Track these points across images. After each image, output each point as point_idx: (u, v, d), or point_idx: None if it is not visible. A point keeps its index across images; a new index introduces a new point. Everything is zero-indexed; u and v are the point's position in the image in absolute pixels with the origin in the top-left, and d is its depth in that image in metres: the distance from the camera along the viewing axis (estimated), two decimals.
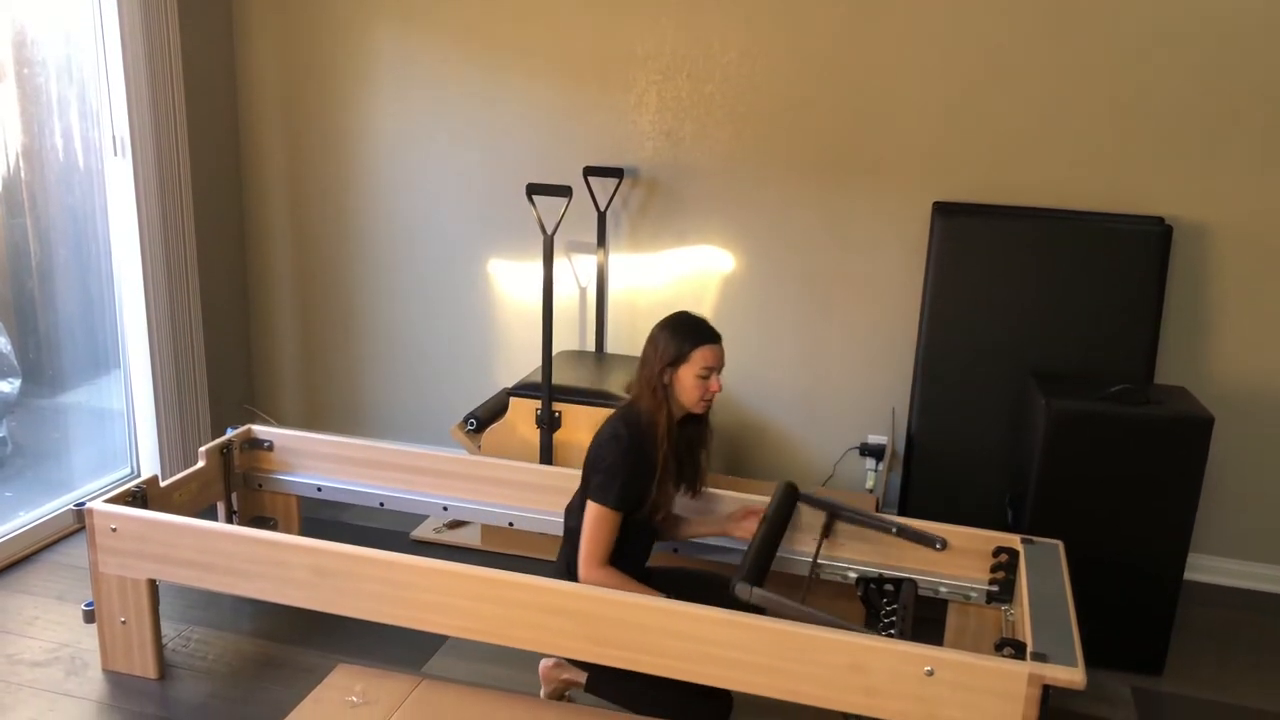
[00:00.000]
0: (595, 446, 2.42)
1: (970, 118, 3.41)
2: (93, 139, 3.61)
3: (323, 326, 4.25)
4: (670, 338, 2.40)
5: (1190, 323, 3.37)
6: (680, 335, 2.40)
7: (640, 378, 2.43)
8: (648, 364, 2.41)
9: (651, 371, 2.39)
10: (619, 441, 2.36)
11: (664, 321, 2.46)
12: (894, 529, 2.69)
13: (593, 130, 3.76)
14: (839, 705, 2.16)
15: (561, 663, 2.57)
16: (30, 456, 3.68)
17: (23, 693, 2.65)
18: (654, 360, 2.39)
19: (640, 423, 2.40)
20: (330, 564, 2.44)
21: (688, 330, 2.41)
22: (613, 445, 2.36)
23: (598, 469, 2.37)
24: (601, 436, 2.41)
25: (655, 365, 2.39)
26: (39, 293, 3.58)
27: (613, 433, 2.39)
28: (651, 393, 2.40)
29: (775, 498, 2.66)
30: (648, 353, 2.42)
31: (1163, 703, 2.82)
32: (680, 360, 2.38)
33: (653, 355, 2.40)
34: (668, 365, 2.38)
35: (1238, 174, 3.24)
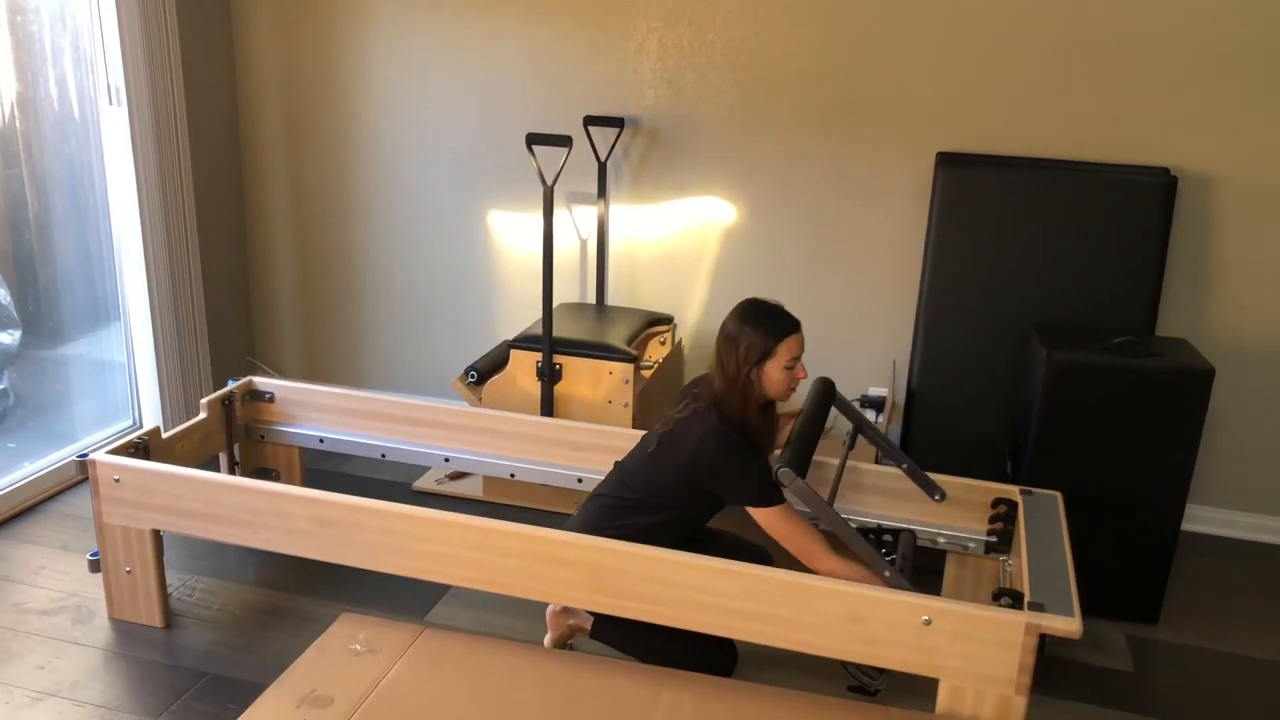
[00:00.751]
0: (708, 457, 2.31)
1: (975, 67, 3.37)
2: (87, 88, 3.57)
3: (323, 278, 4.23)
4: (753, 334, 2.31)
5: (1193, 274, 3.36)
6: (763, 330, 2.31)
7: (724, 378, 2.34)
8: (731, 364, 2.32)
9: (735, 370, 2.32)
10: (734, 445, 2.29)
11: (740, 315, 2.35)
12: (904, 464, 2.70)
13: (593, 79, 3.72)
14: (838, 654, 2.19)
15: (568, 609, 2.59)
16: (32, 408, 3.69)
17: (30, 640, 2.69)
18: (739, 360, 2.31)
19: (735, 421, 2.34)
20: (333, 514, 2.46)
21: (770, 323, 2.33)
22: (734, 451, 2.29)
23: (734, 478, 2.30)
24: (713, 447, 2.30)
25: (742, 366, 2.31)
26: (37, 244, 3.56)
27: (725, 442, 2.29)
28: (740, 392, 2.33)
29: (813, 392, 2.61)
30: (728, 352, 2.33)
31: (1157, 651, 2.85)
32: (767, 357, 2.31)
33: (735, 355, 2.31)
34: (754, 365, 2.31)
35: (1244, 124, 3.21)
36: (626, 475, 2.50)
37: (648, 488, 2.43)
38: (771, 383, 2.34)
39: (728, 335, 2.34)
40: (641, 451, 2.51)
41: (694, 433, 2.34)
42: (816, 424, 2.49)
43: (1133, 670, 2.76)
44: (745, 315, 2.35)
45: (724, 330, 2.36)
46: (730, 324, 2.35)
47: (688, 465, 2.35)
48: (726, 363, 2.33)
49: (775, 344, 2.32)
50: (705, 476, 2.34)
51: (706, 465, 2.32)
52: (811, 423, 2.47)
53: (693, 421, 2.36)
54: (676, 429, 2.39)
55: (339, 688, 2.12)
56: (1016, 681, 2.07)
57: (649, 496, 2.43)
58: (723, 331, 2.36)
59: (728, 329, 2.35)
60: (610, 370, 3.29)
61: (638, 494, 2.45)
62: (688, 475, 2.36)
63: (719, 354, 2.35)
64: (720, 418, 2.33)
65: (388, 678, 2.16)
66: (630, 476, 2.49)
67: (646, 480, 2.44)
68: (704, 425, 2.33)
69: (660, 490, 2.42)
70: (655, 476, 2.42)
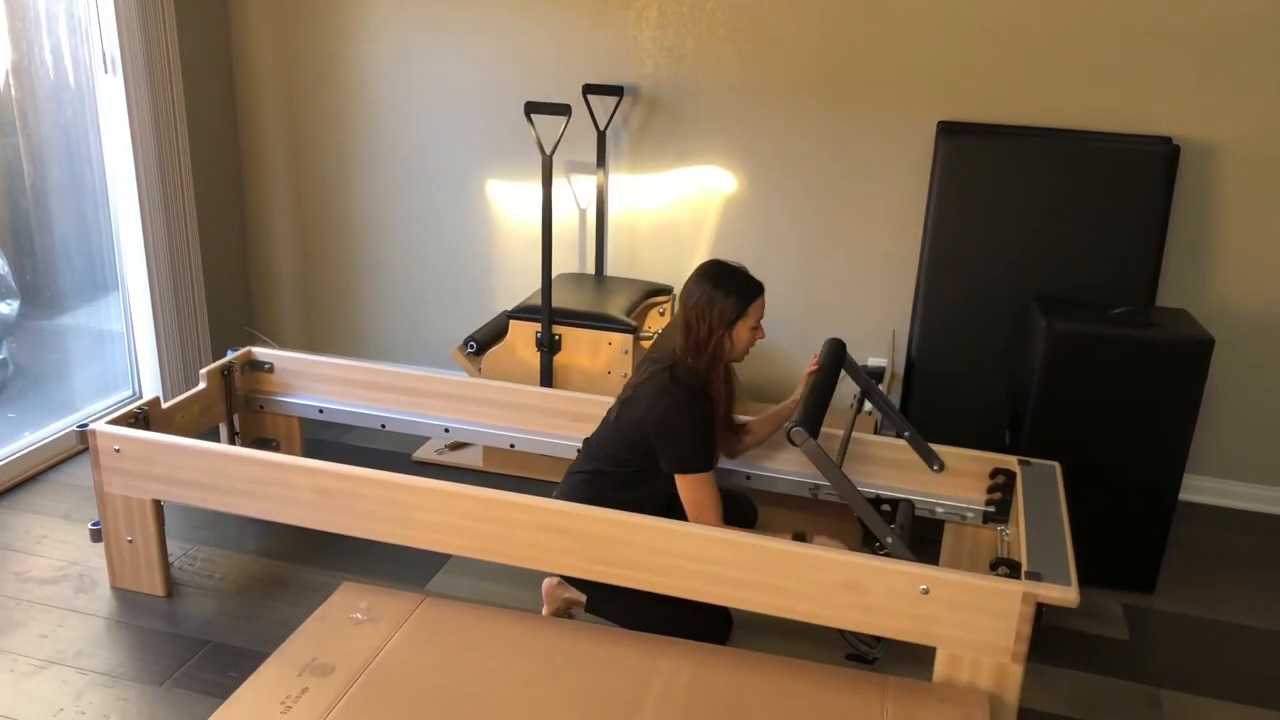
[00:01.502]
0: (655, 415, 2.34)
1: (977, 35, 3.34)
2: (82, 56, 3.54)
3: (322, 247, 4.22)
4: (725, 296, 2.33)
5: (1195, 244, 3.35)
6: (734, 292, 2.34)
7: (688, 340, 2.36)
8: (700, 326, 2.33)
9: (707, 333, 2.33)
10: (684, 408, 2.32)
11: (706, 278, 2.36)
12: (907, 432, 2.71)
13: (592, 47, 3.69)
14: (836, 622, 2.20)
15: (564, 582, 2.61)
16: (31, 378, 3.69)
17: (33, 609, 2.70)
18: (709, 322, 2.32)
19: (694, 383, 2.36)
20: (333, 484, 2.46)
21: (740, 285, 2.36)
22: (680, 412, 2.32)
23: (670, 439, 2.34)
24: (661, 406, 2.33)
25: (714, 327, 2.33)
26: (34, 213, 3.55)
27: (673, 401, 2.32)
28: (703, 352, 2.35)
29: (825, 352, 2.61)
30: (699, 315, 2.33)
31: (1153, 620, 2.87)
32: (739, 319, 2.35)
33: (710, 318, 2.32)
34: (727, 327, 2.34)
35: (1247, 93, 3.19)
36: (593, 449, 2.52)
37: (613, 458, 2.46)
38: (739, 343, 2.38)
39: (699, 299, 2.34)
40: (604, 423, 2.53)
41: (647, 394, 2.37)
42: (829, 384, 2.48)
43: (1129, 639, 2.78)
44: (716, 278, 2.36)
45: (693, 294, 2.36)
46: (700, 287, 2.36)
47: (640, 425, 2.38)
48: (697, 326, 2.34)
49: (747, 305, 2.35)
50: (652, 434, 2.36)
51: (654, 423, 2.34)
52: (824, 383, 2.46)
53: (647, 384, 2.39)
54: (635, 394, 2.42)
55: (340, 656, 2.13)
56: (1013, 650, 2.09)
57: (615, 466, 2.45)
58: (691, 296, 2.36)
59: (699, 293, 2.35)
60: (609, 341, 3.29)
61: (604, 465, 2.47)
62: (641, 436, 2.39)
63: (687, 318, 2.36)
64: (674, 379, 2.35)
65: (388, 646, 2.18)
66: (596, 449, 2.51)
67: (612, 450, 2.47)
68: (656, 385, 2.36)
69: (624, 459, 2.44)
70: (618, 444, 2.45)
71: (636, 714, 2.01)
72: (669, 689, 2.08)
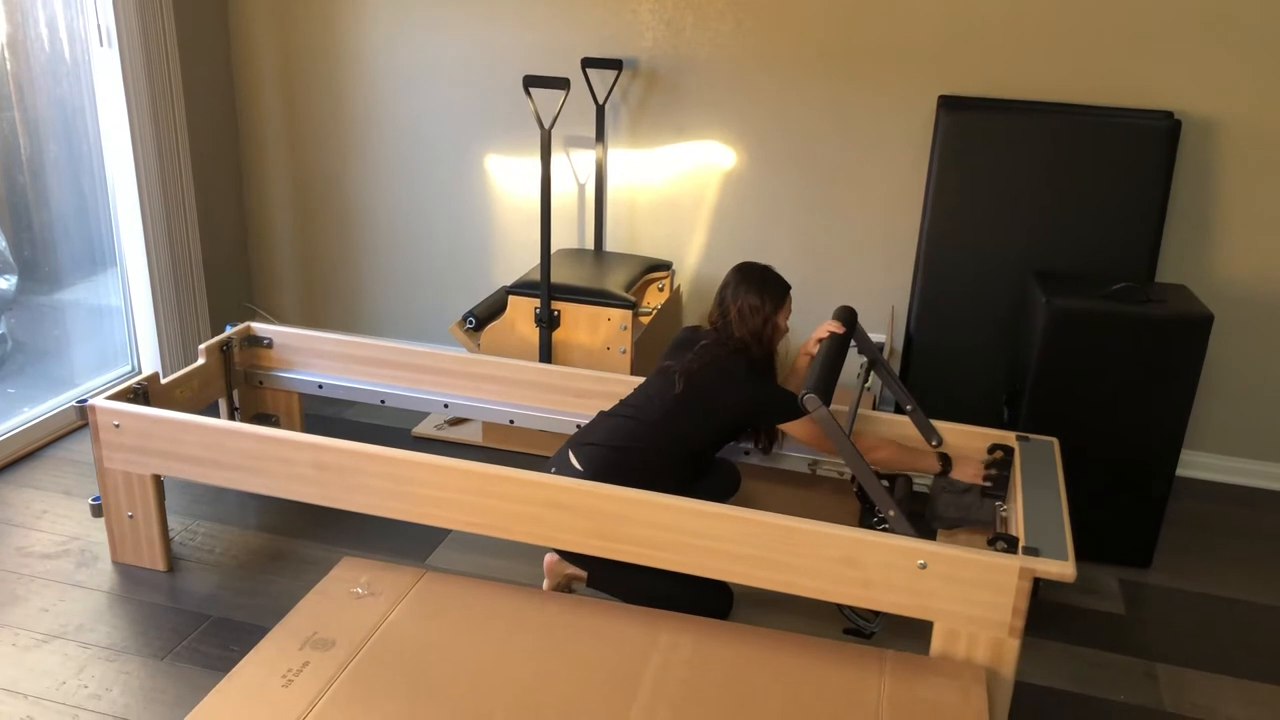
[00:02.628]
0: (749, 393, 2.56)
1: (978, 9, 3.32)
2: (78, 29, 3.51)
3: (320, 223, 4.21)
4: (767, 290, 2.63)
5: (1195, 220, 3.34)
6: (774, 287, 2.64)
7: (746, 331, 2.62)
8: (753, 317, 2.61)
9: (761, 323, 2.62)
10: (760, 376, 2.61)
11: (747, 278, 2.65)
12: (909, 406, 2.72)
13: (591, 20, 3.66)
14: (835, 597, 2.21)
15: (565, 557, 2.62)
16: (31, 354, 3.68)
17: (35, 584, 2.71)
18: (760, 314, 2.61)
19: (762, 368, 2.64)
20: (333, 460, 2.47)
21: (776, 281, 2.66)
22: (765, 386, 2.59)
23: (767, 403, 2.57)
24: (750, 389, 2.56)
25: (766, 318, 2.62)
26: (31, 188, 3.53)
27: (757, 381, 2.58)
28: (759, 340, 2.62)
29: (836, 316, 2.71)
30: (751, 310, 2.61)
31: (1150, 594, 2.89)
32: (779, 309, 2.64)
33: (760, 311, 2.61)
34: (773, 315, 2.63)
35: (1249, 68, 3.17)
36: (630, 422, 2.58)
37: (662, 431, 2.56)
38: (780, 331, 2.67)
39: (748, 297, 2.63)
40: (656, 398, 2.61)
41: (731, 377, 2.58)
42: (842, 351, 2.59)
43: (1125, 613, 2.79)
44: (761, 279, 2.66)
45: (741, 294, 2.64)
46: (747, 288, 2.64)
47: (727, 403, 2.57)
48: (752, 319, 2.62)
49: (785, 296, 2.67)
50: (750, 409, 2.60)
51: (749, 401, 2.57)
52: (838, 349, 2.57)
53: (719, 368, 2.58)
54: (706, 373, 2.58)
55: (341, 630, 2.14)
56: (1010, 624, 2.10)
57: (668, 443, 2.56)
58: (740, 295, 2.64)
59: (741, 290, 2.64)
60: (609, 317, 3.28)
61: (643, 440, 2.53)
62: (724, 412, 2.58)
63: (741, 314, 2.63)
64: (746, 362, 2.61)
65: (389, 620, 2.19)
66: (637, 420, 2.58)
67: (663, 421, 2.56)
68: (739, 368, 2.59)
69: (682, 431, 2.57)
70: (678, 416, 2.57)
71: (636, 688, 2.02)
72: (669, 663, 2.10)
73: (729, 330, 2.64)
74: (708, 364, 2.59)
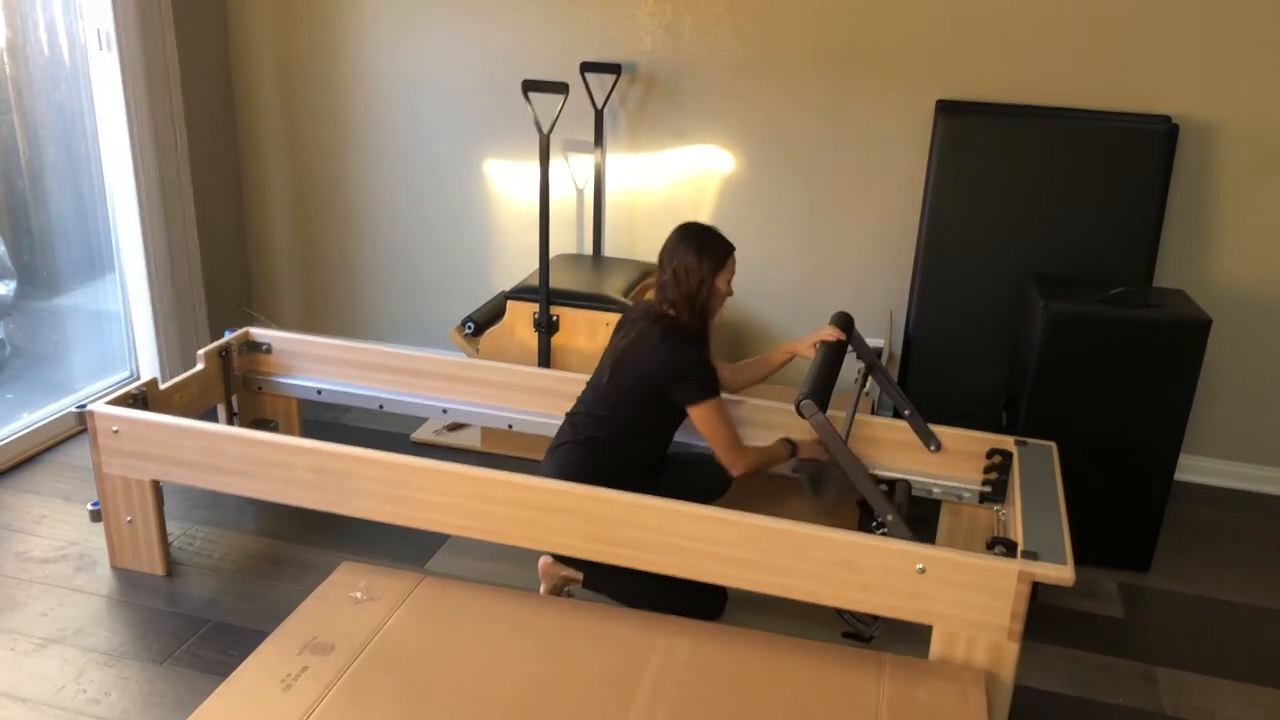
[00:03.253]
0: (660, 362, 2.48)
1: (976, 14, 3.33)
2: (77, 32, 3.52)
3: (319, 228, 4.21)
4: (705, 250, 2.52)
5: (1193, 224, 3.34)
6: (713, 247, 2.53)
7: (679, 293, 2.52)
8: (689, 279, 2.51)
9: (696, 284, 2.51)
10: (684, 348, 2.49)
11: (689, 238, 2.54)
12: (907, 410, 2.72)
13: (590, 24, 3.67)
14: (833, 601, 2.21)
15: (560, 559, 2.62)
16: (29, 359, 3.68)
17: (34, 588, 2.71)
18: (700, 274, 2.50)
19: (688, 331, 2.53)
20: (331, 464, 2.47)
21: (716, 241, 2.55)
22: (683, 354, 2.49)
23: (681, 377, 2.48)
24: (664, 353, 2.48)
25: (702, 279, 2.50)
26: (30, 193, 3.53)
27: (673, 345, 2.49)
28: (695, 303, 2.53)
29: (833, 322, 2.69)
30: (686, 270, 2.51)
31: (1149, 598, 2.89)
32: (718, 270, 2.53)
33: (696, 271, 2.50)
34: (710, 277, 2.51)
35: (1247, 73, 3.18)
36: (580, 418, 2.59)
37: (607, 420, 2.54)
38: (717, 296, 2.57)
39: (682, 255, 2.52)
40: (593, 389, 2.61)
41: (646, 348, 2.51)
42: (839, 357, 2.57)
43: (1124, 617, 2.79)
44: (699, 238, 2.54)
45: (678, 253, 2.53)
46: (686, 246, 2.53)
47: (646, 377, 2.50)
48: (687, 281, 2.51)
49: (725, 258, 2.55)
50: (660, 380, 2.50)
51: (660, 369, 2.49)
52: (834, 355, 2.55)
53: (641, 340, 2.53)
54: (627, 352, 2.53)
55: (340, 635, 2.14)
56: (1009, 628, 2.10)
57: (608, 429, 2.53)
58: (677, 255, 2.53)
59: (679, 250, 2.52)
60: (608, 321, 3.28)
61: (596, 431, 2.54)
62: (647, 388, 2.51)
63: (676, 275, 2.52)
64: (666, 329, 2.52)
65: (388, 625, 2.19)
66: (586, 416, 2.58)
67: (606, 412, 2.54)
68: (652, 338, 2.51)
69: (619, 418, 2.53)
70: (614, 404, 2.54)
71: (634, 691, 2.02)
72: (667, 666, 2.10)
73: (664, 292, 2.55)
74: (632, 341, 2.54)
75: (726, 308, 3.80)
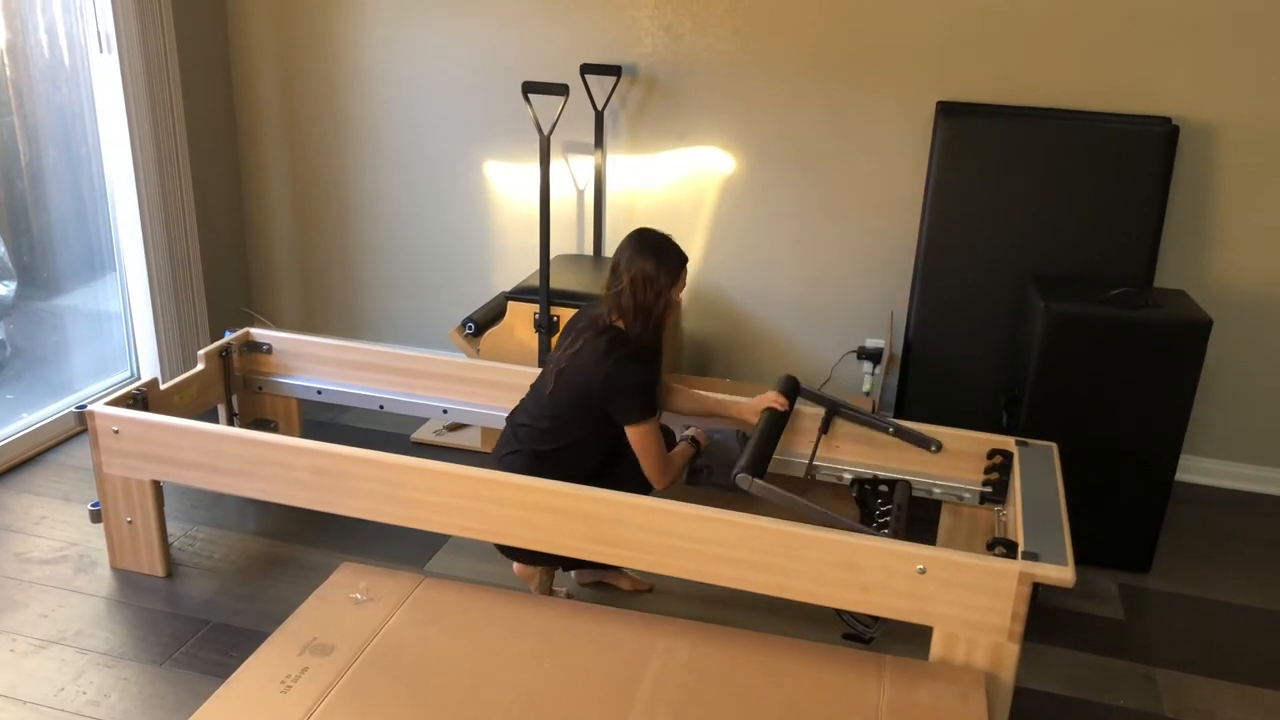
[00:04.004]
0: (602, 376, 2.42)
1: (976, 15, 3.32)
2: (77, 35, 3.52)
3: (320, 228, 4.21)
4: (664, 259, 2.46)
5: (1193, 225, 3.34)
6: (670, 258, 2.47)
7: (634, 304, 2.45)
8: (645, 289, 2.44)
9: (653, 297, 2.45)
10: (630, 365, 2.43)
11: (644, 245, 2.47)
12: (890, 429, 2.72)
13: (590, 26, 3.67)
14: (834, 602, 2.21)
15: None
16: (29, 359, 3.68)
17: (34, 589, 2.71)
18: (655, 285, 2.44)
19: (638, 344, 2.48)
20: (331, 465, 2.47)
21: (674, 250, 2.49)
22: (630, 371, 2.42)
23: (623, 395, 2.42)
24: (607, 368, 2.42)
25: (660, 290, 2.45)
26: (30, 194, 3.54)
27: (619, 360, 2.43)
28: (648, 317, 2.47)
29: (777, 389, 2.70)
30: (644, 281, 2.44)
31: (1149, 599, 2.88)
32: (675, 281, 2.48)
33: (657, 284, 2.44)
34: (668, 289, 2.47)
35: (1247, 74, 3.18)
36: (524, 429, 2.55)
37: (551, 434, 2.50)
38: (672, 306, 2.52)
39: (643, 267, 2.44)
40: (536, 398, 2.57)
41: (589, 361, 2.45)
42: (779, 422, 2.61)
43: (1124, 618, 2.79)
44: (656, 247, 2.47)
45: (635, 263, 2.45)
46: (643, 256, 2.45)
47: (589, 390, 2.44)
48: (644, 292, 2.44)
49: (680, 269, 2.50)
50: (601, 395, 2.43)
51: (602, 384, 2.42)
52: (774, 424, 2.59)
53: (585, 352, 2.47)
54: (573, 361, 2.48)
55: (340, 635, 2.14)
56: (1009, 629, 2.10)
57: (553, 442, 2.49)
58: (634, 265, 2.45)
59: (641, 262, 2.44)
60: None
61: (540, 444, 2.51)
62: (590, 401, 2.45)
63: (633, 284, 2.44)
64: (612, 342, 2.45)
65: (388, 626, 2.19)
66: (530, 428, 2.53)
67: (550, 426, 2.50)
68: (597, 351, 2.44)
69: (562, 430, 2.49)
70: (558, 416, 2.49)
71: (634, 693, 2.02)
72: (666, 668, 2.09)
73: (617, 301, 2.47)
74: (576, 352, 2.48)
75: (727, 310, 3.80)
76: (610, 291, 2.49)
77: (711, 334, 3.88)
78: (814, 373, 3.81)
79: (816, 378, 3.80)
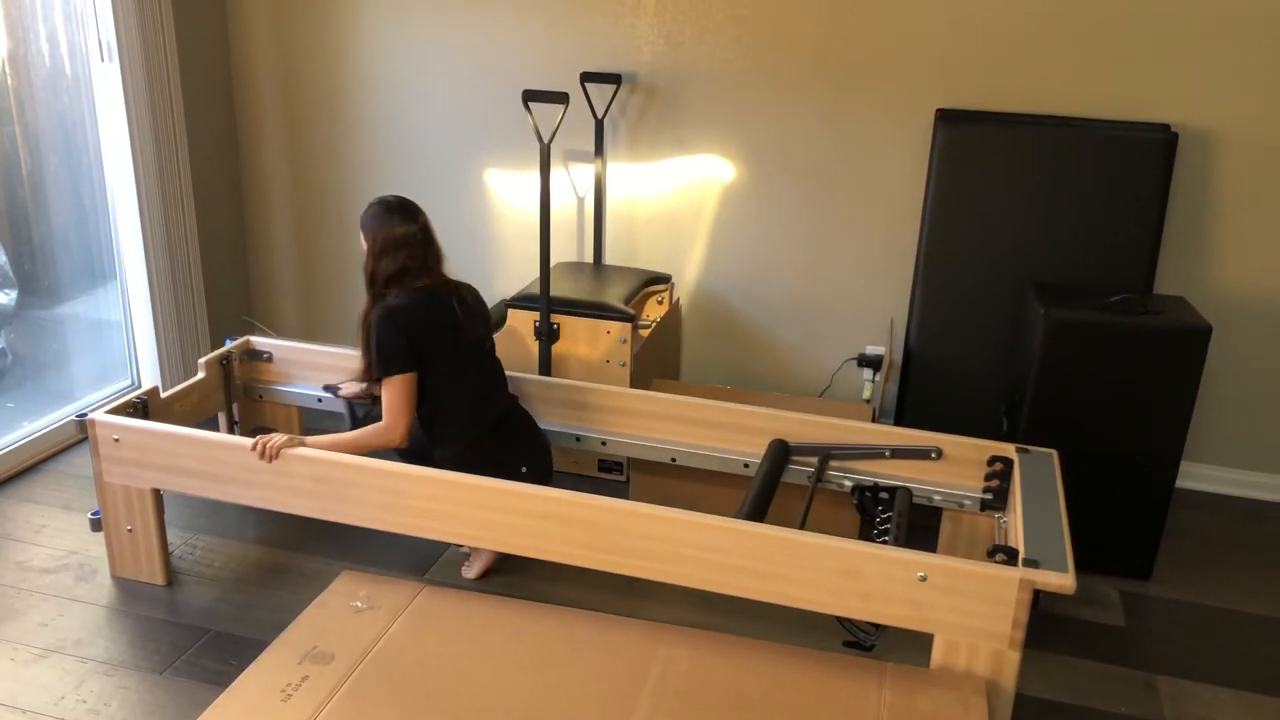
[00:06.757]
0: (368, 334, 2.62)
1: (975, 23, 3.33)
2: (79, 44, 3.53)
3: (320, 236, 4.22)
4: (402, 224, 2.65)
5: (1192, 232, 3.35)
6: (379, 217, 2.66)
7: (399, 269, 2.62)
8: (401, 250, 2.61)
9: (410, 259, 2.64)
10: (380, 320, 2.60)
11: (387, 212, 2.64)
12: (887, 453, 2.72)
13: (590, 34, 3.68)
14: (834, 609, 2.21)
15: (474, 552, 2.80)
16: (30, 367, 3.69)
17: (34, 598, 2.71)
18: (413, 248, 2.65)
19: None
20: (331, 473, 2.47)
21: (397, 209, 2.67)
22: (379, 325, 2.59)
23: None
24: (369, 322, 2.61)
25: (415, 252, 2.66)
26: (31, 202, 3.54)
27: (375, 316, 2.60)
28: (373, 279, 2.66)
29: (767, 455, 2.73)
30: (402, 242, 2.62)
31: (1150, 606, 2.88)
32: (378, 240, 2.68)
33: (408, 243, 2.63)
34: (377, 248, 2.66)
35: (1246, 81, 3.18)
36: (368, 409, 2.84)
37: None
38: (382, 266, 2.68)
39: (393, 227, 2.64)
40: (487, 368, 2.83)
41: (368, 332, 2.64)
42: (774, 476, 2.67)
43: (1125, 625, 2.79)
44: (396, 210, 2.66)
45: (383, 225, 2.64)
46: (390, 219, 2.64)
47: None
48: (398, 250, 2.64)
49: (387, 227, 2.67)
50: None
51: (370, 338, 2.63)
52: (770, 475, 2.66)
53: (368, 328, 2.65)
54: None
55: (340, 644, 2.14)
56: (1010, 636, 2.10)
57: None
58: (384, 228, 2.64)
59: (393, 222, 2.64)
60: (608, 330, 3.29)
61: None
62: None
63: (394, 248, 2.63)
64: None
65: (388, 634, 2.18)
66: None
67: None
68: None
69: None
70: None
71: (635, 701, 2.02)
72: (667, 676, 2.09)
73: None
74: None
75: (727, 317, 3.80)
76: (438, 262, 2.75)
77: (711, 341, 3.89)
78: (814, 380, 3.81)
79: (817, 385, 3.80)
